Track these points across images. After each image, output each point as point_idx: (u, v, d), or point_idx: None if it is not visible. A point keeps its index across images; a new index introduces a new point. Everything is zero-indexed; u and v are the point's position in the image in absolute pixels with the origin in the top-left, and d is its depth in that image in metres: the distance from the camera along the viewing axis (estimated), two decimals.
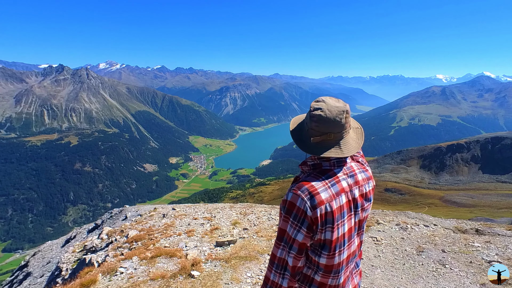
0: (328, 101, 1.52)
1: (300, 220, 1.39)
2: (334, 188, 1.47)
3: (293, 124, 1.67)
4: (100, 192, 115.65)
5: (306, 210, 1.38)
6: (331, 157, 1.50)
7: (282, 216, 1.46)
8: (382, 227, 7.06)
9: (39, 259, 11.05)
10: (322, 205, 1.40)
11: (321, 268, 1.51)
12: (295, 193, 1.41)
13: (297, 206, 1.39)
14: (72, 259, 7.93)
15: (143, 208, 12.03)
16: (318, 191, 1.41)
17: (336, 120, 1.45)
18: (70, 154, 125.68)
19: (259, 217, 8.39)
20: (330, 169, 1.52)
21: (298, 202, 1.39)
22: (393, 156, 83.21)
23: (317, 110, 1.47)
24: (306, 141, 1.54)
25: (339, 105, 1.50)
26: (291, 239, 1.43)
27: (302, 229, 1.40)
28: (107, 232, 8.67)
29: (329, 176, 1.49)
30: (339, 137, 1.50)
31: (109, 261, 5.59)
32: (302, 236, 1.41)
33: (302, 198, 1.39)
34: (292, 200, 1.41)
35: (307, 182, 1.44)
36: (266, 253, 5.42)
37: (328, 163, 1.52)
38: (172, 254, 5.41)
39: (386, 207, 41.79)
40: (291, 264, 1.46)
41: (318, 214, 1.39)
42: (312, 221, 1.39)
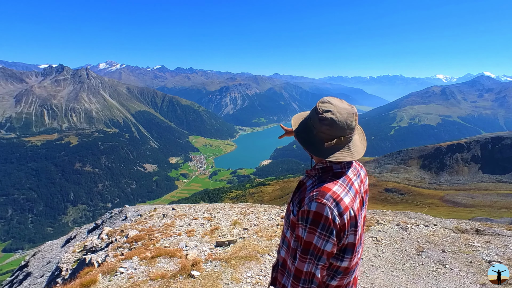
0: (335, 102, 1.48)
1: (329, 230, 1.34)
2: (352, 191, 1.46)
3: (295, 124, 1.61)
4: (100, 192, 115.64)
5: (334, 218, 1.34)
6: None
7: (305, 227, 1.38)
8: (382, 227, 7.06)
9: (39, 259, 11.05)
10: (347, 210, 1.38)
11: (341, 271, 1.50)
12: (319, 202, 1.35)
13: (325, 216, 1.33)
14: (72, 259, 7.93)
15: (143, 208, 12.02)
16: (341, 197, 1.38)
17: (347, 123, 1.43)
18: (70, 154, 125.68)
19: (259, 217, 8.39)
20: (342, 171, 1.49)
21: (325, 211, 1.33)
22: (393, 156, 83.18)
23: (328, 112, 1.42)
24: (318, 145, 1.47)
25: (347, 107, 1.47)
26: (320, 251, 1.37)
27: (331, 239, 1.36)
28: (107, 232, 8.67)
29: (344, 179, 1.46)
30: (349, 140, 1.48)
31: (109, 261, 5.59)
32: (331, 245, 1.37)
33: (329, 207, 1.34)
34: (318, 210, 1.34)
35: (328, 189, 1.39)
36: (266, 253, 5.42)
37: (339, 165, 1.50)
38: (172, 254, 5.41)
39: (386, 207, 41.82)
40: (319, 275, 1.41)
41: (345, 220, 1.37)
42: (340, 229, 1.37)
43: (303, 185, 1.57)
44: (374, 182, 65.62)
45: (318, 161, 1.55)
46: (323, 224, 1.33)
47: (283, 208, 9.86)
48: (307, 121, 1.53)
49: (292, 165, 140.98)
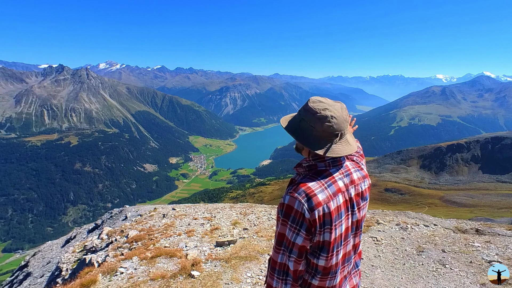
0: (326, 101, 1.50)
1: (298, 223, 1.38)
2: (331, 188, 1.46)
3: (287, 124, 1.59)
4: (100, 192, 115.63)
5: (304, 212, 1.36)
6: (326, 157, 1.48)
7: (280, 220, 1.44)
8: (382, 227, 7.06)
9: (39, 259, 11.05)
10: (320, 206, 1.39)
11: (319, 271, 1.50)
12: (292, 196, 1.40)
13: (295, 209, 1.37)
14: (72, 259, 7.93)
15: (143, 208, 12.02)
16: (315, 193, 1.40)
17: (345, 118, 1.47)
18: (70, 154, 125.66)
19: (259, 217, 8.39)
20: (325, 169, 1.50)
21: (295, 204, 1.37)
22: (393, 156, 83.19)
23: (325, 110, 1.44)
24: (319, 144, 1.46)
25: (336, 103, 1.51)
26: (290, 243, 1.41)
27: (301, 232, 1.39)
28: (107, 232, 8.67)
29: (325, 177, 1.48)
30: (345, 133, 1.51)
31: (109, 261, 5.59)
32: (302, 239, 1.40)
33: (300, 201, 1.37)
34: (290, 203, 1.39)
35: (304, 184, 1.43)
36: (266, 253, 5.42)
37: (323, 163, 1.51)
38: (172, 254, 5.41)
39: (386, 207, 41.81)
40: (292, 268, 1.44)
41: (316, 216, 1.38)
42: (311, 223, 1.38)
43: (294, 182, 1.59)
44: (374, 182, 65.58)
45: (304, 160, 1.59)
46: (293, 217, 1.38)
47: None
48: (300, 123, 1.51)
49: (292, 165, 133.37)
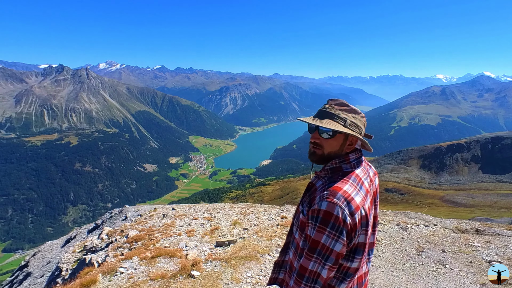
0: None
1: (338, 229, 1.32)
2: (362, 190, 1.46)
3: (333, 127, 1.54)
4: (100, 192, 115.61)
5: (345, 218, 1.33)
6: (351, 158, 1.53)
7: (315, 226, 1.37)
8: (382, 227, 7.06)
9: (39, 259, 11.05)
10: (358, 210, 1.38)
11: (350, 273, 1.49)
12: (330, 201, 1.34)
13: (335, 215, 1.32)
14: (72, 259, 7.93)
15: (143, 208, 12.02)
16: (352, 196, 1.38)
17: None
18: (70, 154, 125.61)
19: (259, 217, 8.39)
20: (351, 170, 1.51)
21: (335, 210, 1.32)
22: (393, 156, 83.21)
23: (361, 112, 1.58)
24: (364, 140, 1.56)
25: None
26: (328, 250, 1.35)
27: (341, 239, 1.34)
28: (107, 232, 8.67)
29: (354, 178, 1.47)
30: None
31: (109, 261, 5.59)
32: (341, 245, 1.35)
33: (340, 206, 1.33)
34: (328, 209, 1.33)
35: (339, 188, 1.39)
36: (266, 253, 5.42)
37: (348, 165, 1.53)
38: (172, 254, 5.41)
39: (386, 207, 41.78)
40: (325, 276, 1.38)
41: (356, 220, 1.36)
42: (351, 228, 1.36)
43: (312, 186, 1.58)
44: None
45: (329, 162, 1.57)
46: (333, 223, 1.32)
47: (283, 208, 9.85)
48: (347, 127, 1.52)
49: (292, 165, 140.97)
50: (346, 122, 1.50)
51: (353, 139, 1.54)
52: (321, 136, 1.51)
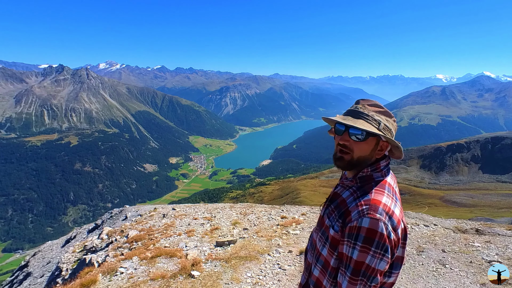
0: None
1: (383, 247, 1.21)
2: (397, 200, 1.37)
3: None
4: (100, 192, 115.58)
5: (390, 234, 1.22)
6: (381, 165, 1.42)
7: (355, 246, 1.24)
8: None
9: (39, 259, 11.04)
10: (400, 224, 1.29)
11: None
12: (373, 217, 1.22)
13: (379, 233, 1.20)
14: (72, 259, 7.93)
15: (143, 208, 12.02)
16: (392, 210, 1.28)
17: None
18: (70, 154, 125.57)
19: (259, 217, 8.39)
20: (383, 179, 1.40)
21: (379, 227, 1.21)
22: None
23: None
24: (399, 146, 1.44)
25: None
26: (373, 271, 1.24)
27: (386, 256, 1.23)
28: (107, 232, 8.67)
29: (388, 188, 1.36)
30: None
31: (109, 261, 5.59)
32: (385, 263, 1.25)
33: (384, 222, 1.22)
34: (372, 227, 1.21)
35: (377, 201, 1.28)
36: (266, 253, 5.42)
37: (379, 173, 1.41)
38: (172, 254, 5.41)
39: None
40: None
41: (399, 234, 1.27)
42: (394, 244, 1.26)
43: (338, 196, 1.45)
44: None
45: (362, 171, 1.43)
46: (378, 241, 1.21)
47: (283, 208, 9.85)
48: (381, 130, 1.39)
49: (292, 165, 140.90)
50: (380, 125, 1.37)
51: (383, 145, 1.41)
52: (351, 138, 1.37)
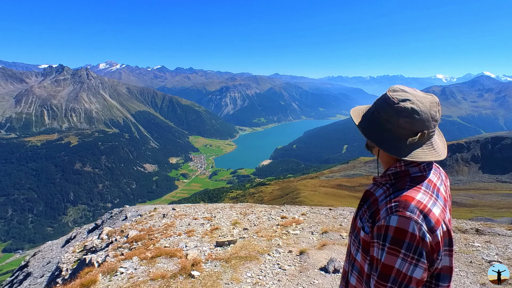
0: (410, 90, 1.22)
1: (417, 250, 1.03)
2: (440, 199, 1.16)
3: (357, 117, 1.32)
4: (100, 192, 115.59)
5: (424, 235, 1.03)
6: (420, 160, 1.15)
7: (383, 247, 1.08)
8: None
9: (39, 259, 11.04)
10: (439, 224, 1.07)
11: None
12: (402, 215, 1.04)
13: (410, 233, 1.03)
14: (72, 259, 7.92)
15: (143, 208, 12.02)
16: (429, 207, 1.08)
17: (432, 114, 1.15)
18: (70, 154, 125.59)
19: (259, 217, 8.38)
20: (422, 175, 1.19)
21: (410, 227, 1.03)
22: None
23: (406, 101, 1.15)
24: (394, 142, 1.17)
25: (427, 95, 1.20)
26: (406, 278, 1.04)
27: (421, 262, 1.04)
28: (107, 232, 8.67)
29: (428, 185, 1.16)
30: (431, 135, 1.20)
31: (109, 261, 5.59)
32: (422, 271, 1.05)
33: (415, 221, 1.03)
34: (401, 226, 1.04)
35: (410, 197, 1.09)
36: (266, 253, 5.41)
37: (417, 168, 1.20)
38: (172, 254, 5.41)
39: None
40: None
41: (438, 237, 1.06)
42: (432, 248, 1.05)
43: (371, 195, 1.28)
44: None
45: (388, 165, 1.27)
46: (409, 243, 1.03)
47: (283, 208, 9.85)
48: (373, 114, 1.24)
49: (292, 165, 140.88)
50: (369, 124, 1.26)
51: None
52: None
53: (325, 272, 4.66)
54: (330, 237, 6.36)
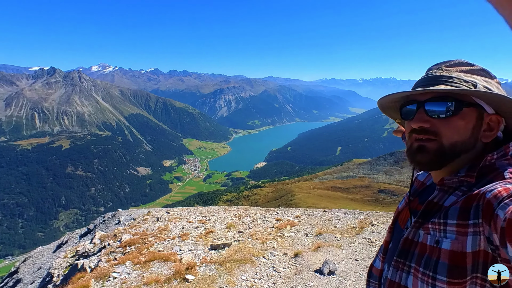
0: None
1: None
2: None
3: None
4: (92, 196, 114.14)
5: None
6: (511, 149, 0.85)
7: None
8: (376, 228, 7.11)
9: (29, 265, 10.84)
10: None
11: None
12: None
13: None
14: (63, 265, 7.79)
15: (136, 212, 11.91)
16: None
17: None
18: (61, 158, 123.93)
19: (254, 220, 8.37)
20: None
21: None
22: (386, 157, 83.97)
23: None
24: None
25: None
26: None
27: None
28: (99, 237, 8.56)
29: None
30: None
31: (102, 266, 5.51)
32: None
33: None
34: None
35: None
36: (261, 256, 5.40)
37: (508, 161, 0.84)
38: (166, 258, 5.36)
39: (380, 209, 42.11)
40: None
41: None
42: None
43: (435, 205, 0.87)
44: (368, 183, 66.13)
45: (457, 166, 0.86)
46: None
47: (278, 210, 9.84)
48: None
49: (287, 167, 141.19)
50: (476, 87, 0.83)
51: (494, 119, 0.85)
52: (432, 117, 0.84)
53: (320, 274, 4.66)
54: (325, 239, 6.38)
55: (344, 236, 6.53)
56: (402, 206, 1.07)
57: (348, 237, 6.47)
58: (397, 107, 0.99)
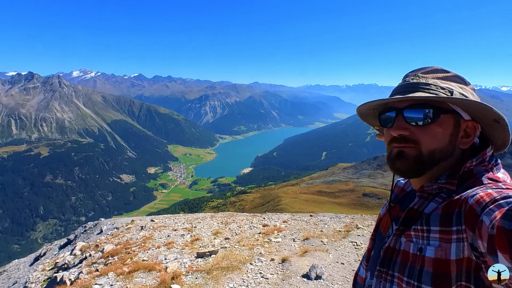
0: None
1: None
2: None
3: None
4: (73, 206, 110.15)
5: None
6: (487, 155, 0.85)
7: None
8: (361, 231, 7.22)
9: (4, 280, 10.29)
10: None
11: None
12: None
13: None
14: (41, 278, 7.45)
15: (119, 221, 11.59)
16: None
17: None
18: (40, 166, 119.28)
19: (241, 226, 8.32)
20: (491, 174, 0.86)
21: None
22: (369, 161, 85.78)
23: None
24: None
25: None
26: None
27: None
28: (80, 248, 8.26)
29: (506, 186, 0.80)
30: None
31: (82, 278, 5.31)
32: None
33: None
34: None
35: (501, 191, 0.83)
36: (248, 263, 5.36)
37: (484, 167, 0.84)
38: (151, 268, 5.23)
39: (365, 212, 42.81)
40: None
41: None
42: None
43: (415, 212, 0.85)
44: (353, 187, 67.23)
45: (436, 173, 0.86)
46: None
47: (265, 216, 9.83)
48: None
49: (273, 173, 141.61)
50: (453, 94, 0.84)
51: (470, 125, 0.85)
52: (410, 124, 0.84)
53: (307, 279, 4.67)
54: (312, 243, 6.41)
55: (330, 240, 6.59)
56: (384, 213, 1.06)
57: (335, 241, 6.53)
58: (376, 114, 0.98)
